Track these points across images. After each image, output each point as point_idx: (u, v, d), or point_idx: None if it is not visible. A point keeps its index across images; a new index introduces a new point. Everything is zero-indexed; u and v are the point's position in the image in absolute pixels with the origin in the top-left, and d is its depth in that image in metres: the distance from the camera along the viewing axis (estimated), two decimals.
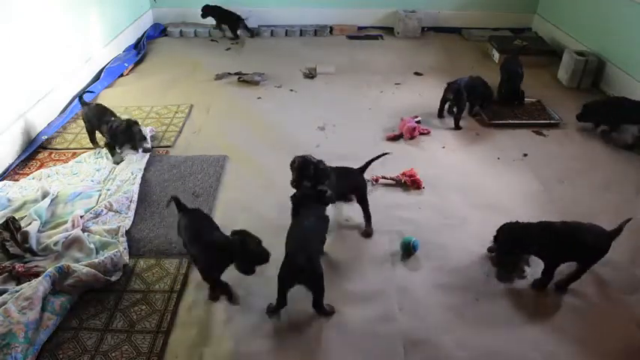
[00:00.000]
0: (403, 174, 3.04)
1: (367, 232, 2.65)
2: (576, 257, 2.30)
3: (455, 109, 3.75)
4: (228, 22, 5.50)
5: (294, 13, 5.71)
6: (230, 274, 2.19)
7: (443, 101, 3.79)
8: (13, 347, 1.87)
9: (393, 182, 3.05)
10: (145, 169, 3.07)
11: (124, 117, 3.27)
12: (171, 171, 3.10)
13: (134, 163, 3.10)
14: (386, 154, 2.75)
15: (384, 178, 3.05)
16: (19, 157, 3.19)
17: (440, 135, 3.63)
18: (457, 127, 3.70)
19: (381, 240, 2.60)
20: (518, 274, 2.40)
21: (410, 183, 3.01)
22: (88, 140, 3.34)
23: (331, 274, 2.38)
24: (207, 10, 5.47)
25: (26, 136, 3.32)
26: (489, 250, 2.53)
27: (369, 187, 3.00)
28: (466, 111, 3.82)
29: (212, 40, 5.46)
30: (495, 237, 2.40)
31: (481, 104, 3.83)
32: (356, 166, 2.69)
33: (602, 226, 2.30)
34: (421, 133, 3.59)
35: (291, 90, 4.27)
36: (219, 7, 5.46)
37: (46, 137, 3.42)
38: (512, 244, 2.33)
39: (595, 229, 2.26)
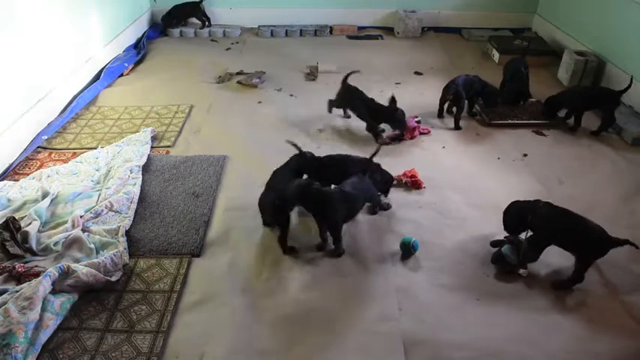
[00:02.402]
0: (404, 174, 3.04)
1: (383, 207, 2.80)
2: (568, 245, 2.35)
3: (454, 109, 3.75)
4: (192, 14, 5.52)
5: (294, 13, 5.71)
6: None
7: (442, 101, 3.79)
8: (13, 347, 1.86)
9: (395, 182, 3.04)
10: (145, 169, 3.07)
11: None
12: (171, 171, 3.10)
13: (133, 161, 3.08)
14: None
15: None
16: (19, 157, 3.18)
17: (440, 135, 3.63)
18: (457, 127, 3.70)
19: (381, 240, 2.60)
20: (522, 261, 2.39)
21: (411, 184, 3.00)
22: (89, 140, 3.34)
23: (331, 274, 2.39)
24: (171, 16, 5.47)
25: (26, 136, 3.32)
26: (492, 244, 2.54)
27: None
28: (466, 110, 3.82)
29: (212, 40, 5.45)
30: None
31: (485, 102, 3.82)
32: None
33: (601, 225, 2.30)
34: (421, 133, 3.59)
35: (291, 95, 4.24)
36: (176, 6, 5.47)
37: (46, 137, 3.42)
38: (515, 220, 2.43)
39: (596, 226, 2.29)
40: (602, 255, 2.29)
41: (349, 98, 3.65)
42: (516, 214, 2.42)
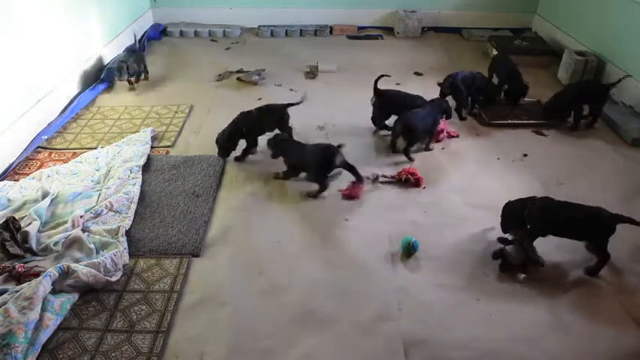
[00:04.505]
0: (405, 171, 3.03)
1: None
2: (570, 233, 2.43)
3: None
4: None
5: (294, 13, 5.71)
6: None
7: (441, 96, 3.79)
8: (13, 347, 1.86)
9: (393, 180, 3.04)
10: (145, 169, 3.07)
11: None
12: (171, 171, 3.10)
13: (133, 161, 3.08)
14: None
15: (384, 176, 3.05)
16: (19, 157, 3.18)
17: None
18: (462, 118, 3.73)
19: (381, 240, 2.60)
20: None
21: (413, 181, 2.99)
22: (89, 140, 3.34)
23: (331, 274, 2.39)
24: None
25: (26, 136, 3.32)
26: (500, 240, 2.56)
27: (369, 186, 3.00)
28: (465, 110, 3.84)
29: (212, 40, 5.46)
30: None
31: (484, 101, 3.82)
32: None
33: None
34: (450, 136, 3.58)
35: (291, 89, 4.26)
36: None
37: (46, 137, 3.42)
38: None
39: (595, 208, 2.37)
40: (613, 232, 2.33)
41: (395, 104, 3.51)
42: (512, 211, 2.47)
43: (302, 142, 3.07)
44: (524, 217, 2.40)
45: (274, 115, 3.30)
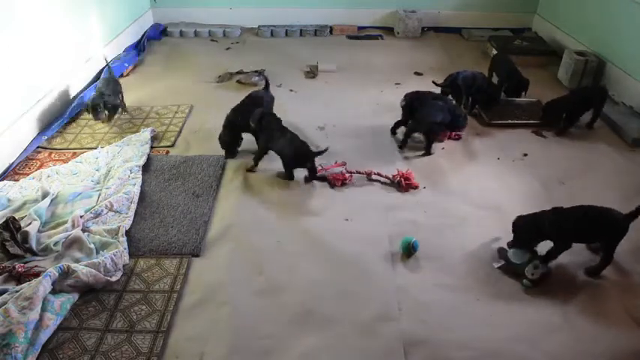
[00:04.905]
0: (399, 174, 3.03)
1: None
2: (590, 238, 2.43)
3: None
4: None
5: (294, 13, 5.71)
6: None
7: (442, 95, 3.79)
8: (13, 347, 1.87)
9: (387, 181, 3.03)
10: (145, 169, 3.07)
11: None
12: (171, 171, 3.10)
13: (133, 161, 3.08)
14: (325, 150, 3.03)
15: (378, 174, 3.04)
16: (19, 157, 3.19)
17: None
18: None
19: (381, 240, 2.60)
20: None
21: (404, 186, 2.98)
22: (89, 140, 3.33)
23: (331, 274, 2.39)
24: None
25: (26, 136, 3.32)
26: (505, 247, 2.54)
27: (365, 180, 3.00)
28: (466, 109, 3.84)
29: (212, 40, 5.46)
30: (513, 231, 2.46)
31: (484, 103, 3.82)
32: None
33: None
34: (450, 138, 3.55)
35: (291, 90, 4.27)
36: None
37: (46, 137, 3.43)
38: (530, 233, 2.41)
39: (607, 209, 2.36)
40: (626, 232, 2.33)
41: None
42: (531, 228, 2.40)
43: (285, 128, 3.08)
44: (542, 232, 2.36)
45: (261, 102, 3.33)
